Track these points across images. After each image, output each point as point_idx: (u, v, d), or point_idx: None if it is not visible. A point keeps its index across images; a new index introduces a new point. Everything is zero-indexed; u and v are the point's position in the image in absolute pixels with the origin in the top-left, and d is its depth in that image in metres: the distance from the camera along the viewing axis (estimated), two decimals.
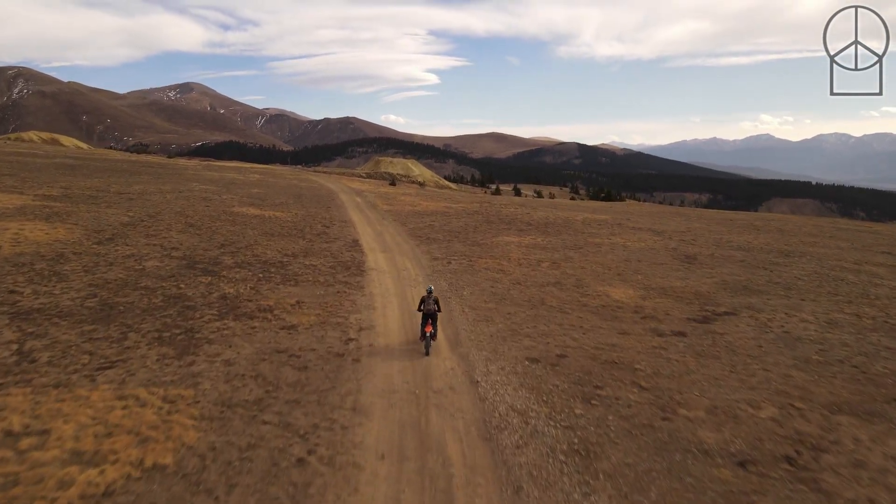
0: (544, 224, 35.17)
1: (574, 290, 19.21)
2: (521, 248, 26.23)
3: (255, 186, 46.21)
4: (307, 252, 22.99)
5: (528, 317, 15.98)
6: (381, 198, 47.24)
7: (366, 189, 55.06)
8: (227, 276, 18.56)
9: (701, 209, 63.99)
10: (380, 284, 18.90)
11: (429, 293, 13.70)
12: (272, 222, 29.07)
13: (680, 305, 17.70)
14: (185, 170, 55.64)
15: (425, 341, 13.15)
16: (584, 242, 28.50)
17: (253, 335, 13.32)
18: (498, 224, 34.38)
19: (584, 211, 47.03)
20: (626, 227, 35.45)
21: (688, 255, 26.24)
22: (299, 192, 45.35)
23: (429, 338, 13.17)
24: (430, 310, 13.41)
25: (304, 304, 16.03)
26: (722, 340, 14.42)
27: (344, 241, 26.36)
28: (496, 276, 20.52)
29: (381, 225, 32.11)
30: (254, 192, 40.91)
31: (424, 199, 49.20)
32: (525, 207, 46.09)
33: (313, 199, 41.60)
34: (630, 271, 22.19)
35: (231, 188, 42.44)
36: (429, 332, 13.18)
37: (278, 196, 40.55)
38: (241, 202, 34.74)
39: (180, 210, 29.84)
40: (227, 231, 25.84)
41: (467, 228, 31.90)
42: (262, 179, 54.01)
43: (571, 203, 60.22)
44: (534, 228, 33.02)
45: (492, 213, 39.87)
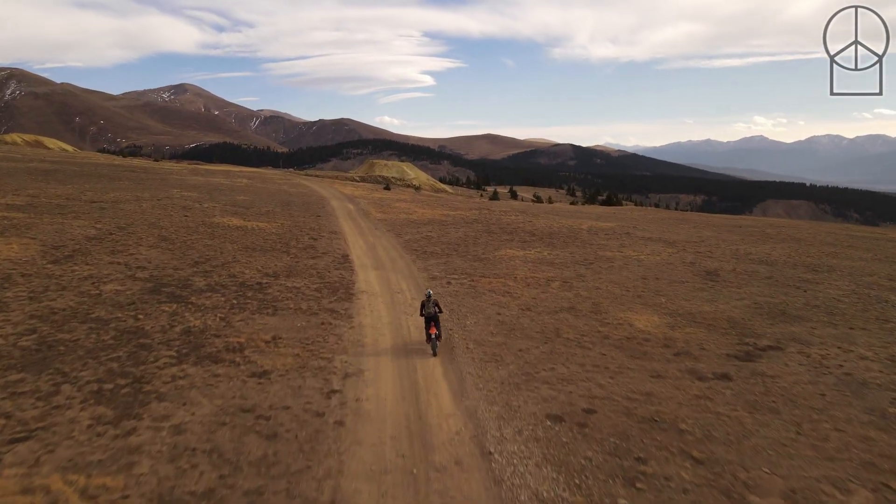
0: (548, 234, 32.92)
1: (592, 316, 16.93)
2: (527, 264, 23.94)
3: (242, 193, 43.82)
4: (291, 271, 20.63)
5: (543, 354, 13.68)
6: (374, 204, 44.91)
7: (359, 195, 52.72)
8: (196, 302, 16.20)
9: (707, 214, 61.94)
10: (371, 312, 16.56)
11: (428, 297, 14.04)
12: (255, 235, 26.70)
13: (714, 336, 15.44)
14: (170, 174, 53.12)
15: (431, 343, 13.65)
16: (595, 256, 26.24)
17: (215, 386, 10.97)
18: (499, 234, 32.11)
19: (588, 218, 44.82)
20: (635, 238, 33.26)
21: (709, 271, 24.03)
22: (288, 198, 42.99)
23: (434, 339, 13.63)
24: (432, 313, 13.79)
25: (281, 340, 13.67)
26: (775, 386, 12.15)
27: (333, 256, 24.02)
28: (502, 300, 18.21)
29: (373, 236, 29.79)
30: (239, 200, 38.51)
31: (420, 205, 46.89)
32: (526, 214, 43.84)
33: (302, 206, 39.24)
34: (650, 292, 19.93)
35: (215, 195, 40.01)
36: (434, 334, 13.63)
37: (265, 203, 38.17)
38: (223, 211, 32.34)
39: (155, 221, 27.42)
40: (203, 246, 23.45)
41: (467, 240, 29.61)
42: (250, 185, 51.60)
43: (573, 209, 58.04)
44: (538, 240, 30.76)
45: (492, 222, 37.60)
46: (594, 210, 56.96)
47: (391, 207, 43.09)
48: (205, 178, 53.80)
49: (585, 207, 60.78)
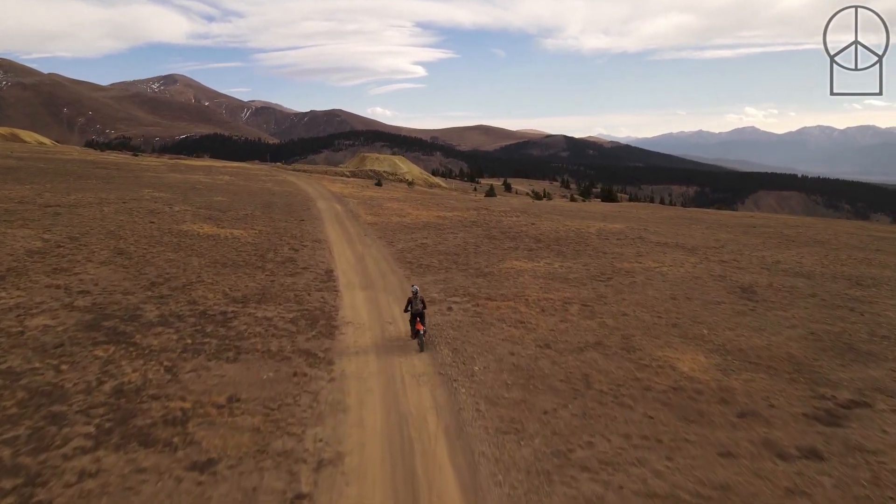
0: (556, 240, 29.98)
1: (624, 356, 13.97)
2: (538, 281, 20.93)
3: (220, 192, 40.51)
4: (264, 294, 17.53)
5: (574, 418, 10.72)
6: (364, 205, 41.73)
7: (348, 193, 49.48)
8: (141, 343, 13.11)
9: (715, 212, 59.20)
10: (357, 354, 13.50)
11: (415, 294, 14.33)
12: (228, 245, 23.54)
13: (780, 385, 12.53)
14: (146, 171, 49.54)
15: (418, 339, 14.03)
16: (612, 269, 23.27)
17: (137, 491, 7.93)
18: (502, 241, 29.11)
19: (594, 218, 41.91)
20: (649, 243, 30.38)
21: (743, 287, 21.14)
22: (270, 199, 39.76)
23: (421, 335, 14.01)
24: (418, 310, 14.17)
25: (239, 402, 10.63)
26: (883, 470, 9.26)
27: (315, 271, 20.91)
28: (515, 334, 15.20)
29: (363, 244, 26.71)
30: (216, 201, 35.24)
31: (414, 205, 43.76)
32: (528, 215, 40.84)
33: (285, 208, 36.05)
34: (686, 318, 16.99)
35: (189, 196, 36.71)
36: (421, 330, 14.02)
37: (244, 205, 34.94)
38: (195, 216, 29.09)
39: (115, 229, 24.20)
40: (165, 261, 20.29)
41: (467, 248, 26.59)
42: (231, 182, 48.26)
43: (575, 207, 55.08)
44: (545, 247, 27.79)
45: (492, 225, 34.58)
46: (598, 209, 54.02)
47: (383, 208, 39.96)
48: (183, 175, 50.31)
49: (588, 205, 57.86)
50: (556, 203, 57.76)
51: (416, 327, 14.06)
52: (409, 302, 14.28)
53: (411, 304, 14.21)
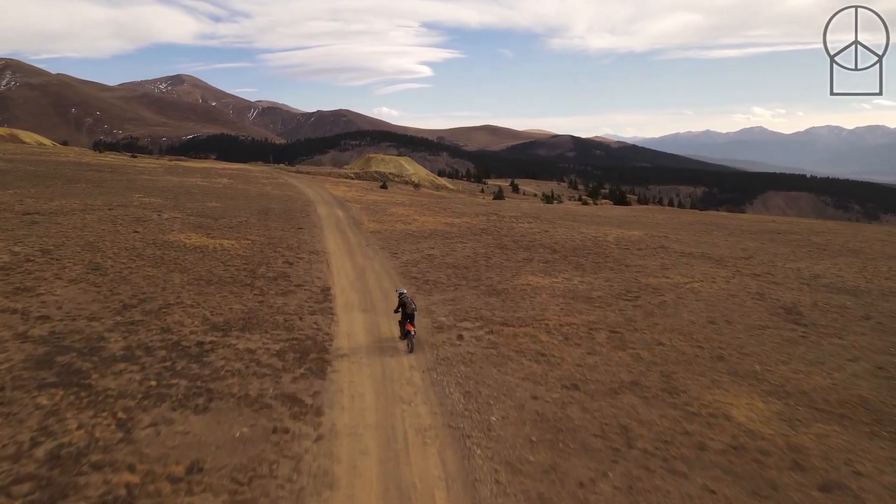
0: (572, 249, 27.84)
1: (667, 400, 11.82)
2: (558, 300, 18.79)
3: (216, 197, 38.51)
4: (249, 319, 15.47)
5: (617, 495, 8.59)
6: (368, 210, 39.63)
7: (351, 197, 47.39)
8: (97, 385, 11.08)
9: (735, 216, 56.86)
10: (352, 400, 11.38)
11: (401, 295, 14.61)
12: (216, 258, 21.49)
13: (860, 441, 10.35)
14: (140, 174, 47.53)
15: (407, 339, 14.18)
16: (638, 285, 21.09)
17: None
18: (515, 251, 26.99)
19: (609, 224, 39.72)
20: (672, 253, 28.20)
21: (786, 308, 18.92)
22: (268, 204, 37.73)
23: (411, 336, 14.13)
24: (410, 311, 14.24)
25: (201, 474, 8.55)
26: None
27: (310, 289, 18.85)
28: (537, 371, 13.06)
29: (364, 256, 24.63)
30: (209, 207, 33.22)
31: (420, 210, 41.65)
32: (540, 221, 38.69)
33: (283, 214, 34.00)
34: (731, 348, 14.79)
35: (182, 201, 34.70)
36: (411, 331, 14.13)
37: (239, 212, 32.92)
38: (185, 224, 27.07)
39: (94, 240, 22.21)
40: (143, 278, 18.27)
41: (477, 260, 24.48)
42: (229, 186, 46.25)
43: (588, 211, 52.82)
44: (562, 259, 25.65)
45: (503, 233, 32.46)
46: (613, 213, 51.76)
47: (387, 214, 37.85)
48: (180, 178, 48.34)
49: (602, 210, 55.59)
50: (569, 207, 55.47)
51: (407, 328, 14.17)
52: (402, 304, 14.40)
53: (404, 306, 14.33)
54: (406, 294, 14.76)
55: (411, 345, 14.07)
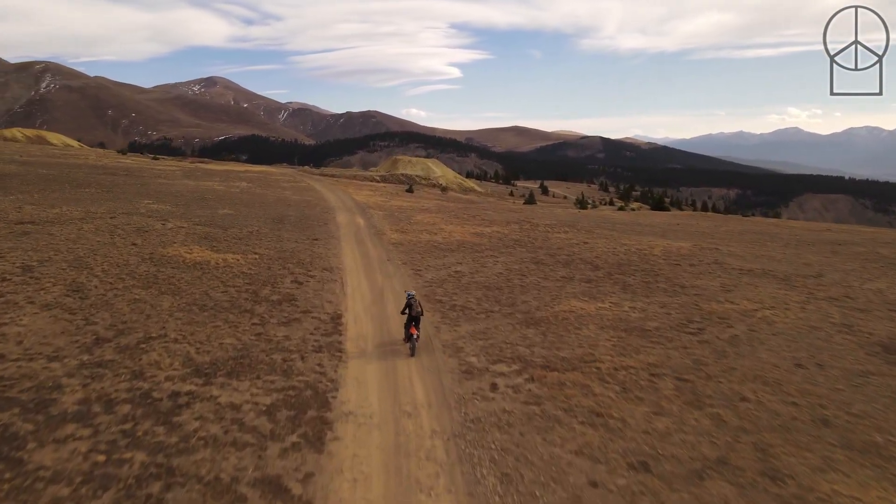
0: (616, 265, 24.80)
1: (771, 491, 8.82)
2: (608, 334, 15.82)
3: (230, 203, 36.34)
4: (241, 359, 12.89)
5: None
6: (391, 218, 37.04)
7: (374, 203, 44.88)
8: (27, 462, 8.57)
9: (786, 223, 52.71)
10: (355, 489, 8.64)
11: (411, 298, 14.36)
12: (216, 277, 19.07)
13: None
14: (156, 178, 45.72)
15: (410, 343, 13.97)
16: (700, 313, 17.98)
17: None
18: (553, 267, 24.07)
19: (652, 233, 36.43)
20: (730, 269, 24.95)
21: (885, 346, 15.65)
22: (284, 211, 35.42)
23: (414, 339, 13.93)
24: (416, 313, 14.09)
25: None
26: None
27: (318, 317, 16.25)
28: (593, 440, 10.15)
29: (384, 273, 21.98)
30: (220, 215, 31.01)
31: (447, 217, 38.91)
32: (577, 230, 35.60)
33: (299, 223, 31.60)
34: (835, 406, 11.67)
35: (192, 209, 32.59)
36: (414, 335, 13.91)
37: (252, 220, 30.63)
38: (190, 235, 24.80)
39: (85, 255, 20.01)
40: (128, 302, 15.90)
41: (511, 279, 21.64)
42: (246, 191, 44.22)
43: (627, 218, 49.36)
44: (606, 276, 22.64)
45: (538, 244, 29.54)
46: (653, 220, 48.25)
47: (411, 222, 35.19)
48: (196, 182, 46.47)
49: (641, 216, 52.03)
50: (605, 213, 52.13)
51: (411, 331, 13.98)
52: (408, 305, 14.24)
53: (410, 307, 14.17)
54: (414, 296, 14.58)
55: (413, 348, 13.91)
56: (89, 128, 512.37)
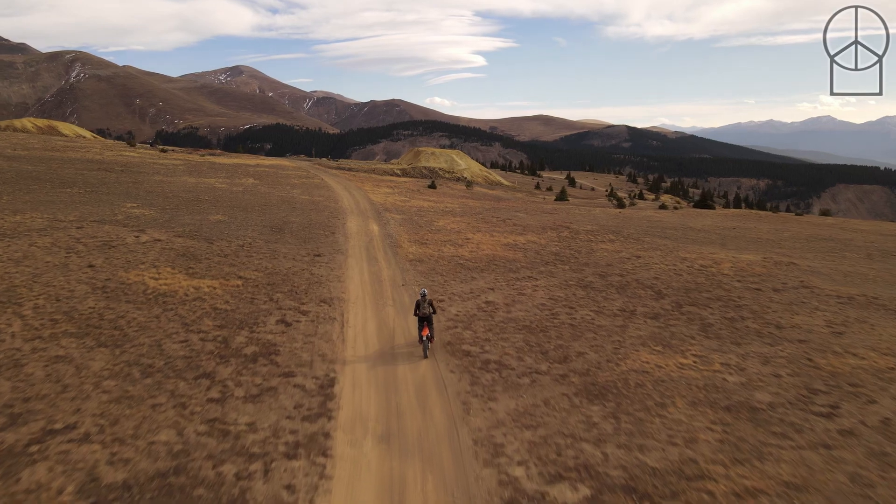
0: (683, 290, 20.09)
1: None
2: (706, 416, 11.13)
3: (227, 207, 32.08)
4: (170, 479, 8.56)
5: None
6: (409, 224, 32.50)
7: (392, 203, 40.34)
8: None
9: (852, 223, 46.93)
10: None
11: (423, 297, 13.91)
12: (179, 316, 14.77)
13: None
14: (154, 174, 41.31)
15: (423, 344, 13.59)
16: (820, 374, 13.20)
17: None
18: (606, 293, 19.41)
19: (710, 242, 31.50)
20: (826, 297, 20.12)
21: None
22: (287, 215, 31.23)
23: (426, 341, 13.54)
24: (427, 313, 13.71)
25: None
26: None
27: (303, 385, 11.85)
28: None
29: (397, 306, 17.45)
30: (210, 223, 26.79)
31: (474, 222, 34.30)
32: (623, 239, 30.75)
33: (302, 232, 27.23)
34: None
35: (180, 213, 28.35)
36: (426, 336, 13.51)
37: (247, 228, 26.39)
38: (164, 252, 20.46)
39: (21, 283, 15.80)
40: (44, 364, 11.64)
41: (556, 314, 17.05)
42: (251, 189, 39.89)
43: (674, 220, 44.12)
44: (675, 309, 17.95)
45: (582, 259, 24.88)
46: (703, 222, 43.00)
47: (433, 229, 30.63)
48: (197, 178, 42.33)
49: (687, 216, 46.65)
50: (647, 214, 46.95)
51: (423, 333, 13.57)
52: (418, 305, 13.91)
53: (419, 307, 13.84)
54: (426, 294, 14.13)
55: (426, 350, 13.56)
56: (117, 117, 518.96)
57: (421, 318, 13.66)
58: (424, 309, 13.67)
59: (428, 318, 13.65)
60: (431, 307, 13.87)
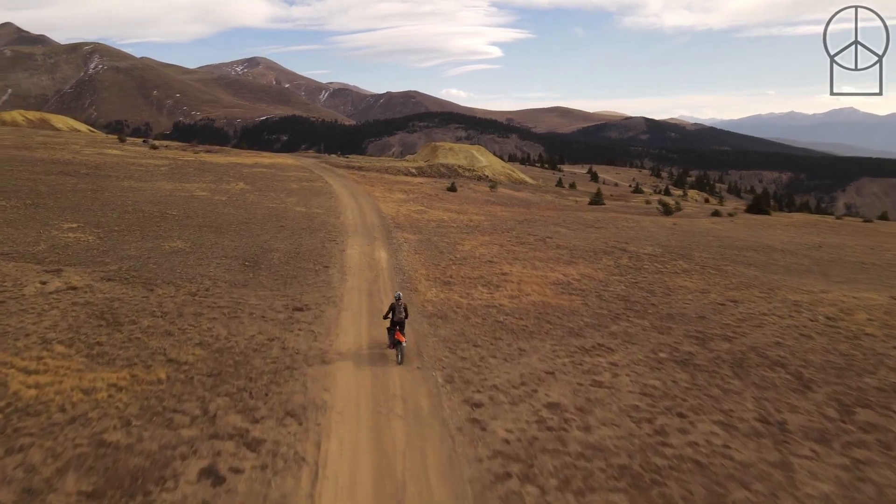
0: (834, 372, 13.39)
1: None
2: None
3: (197, 226, 25.94)
4: None
5: None
6: (427, 248, 25.63)
7: (406, 215, 33.49)
8: None
9: None
10: None
11: (397, 300, 13.79)
12: (30, 467, 8.54)
13: None
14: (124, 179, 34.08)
15: (397, 350, 13.36)
16: None
17: None
18: (721, 378, 12.78)
19: (802, 268, 24.81)
20: None
21: None
22: (271, 239, 24.74)
23: (400, 346, 13.30)
24: (400, 318, 13.52)
25: None
26: None
27: None
28: None
29: (409, 417, 11.04)
30: (163, 254, 20.61)
31: (508, 243, 27.66)
32: (699, 268, 23.99)
33: (285, 265, 20.45)
34: None
35: (126, 240, 22.13)
36: (403, 342, 13.30)
37: (210, 262, 20.08)
38: (73, 312, 13.63)
39: None
40: None
41: (663, 433, 10.47)
42: (236, 198, 32.92)
43: (741, 234, 37.01)
44: (841, 415, 11.25)
45: (659, 305, 18.32)
46: (776, 236, 36.03)
47: (458, 258, 23.88)
48: (176, 184, 35.47)
49: (755, 229, 39.46)
50: (708, 226, 39.80)
51: (396, 337, 13.39)
52: (392, 309, 13.68)
53: (394, 311, 13.61)
54: (401, 297, 14.02)
55: (401, 356, 13.23)
56: (135, 108, 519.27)
57: (394, 321, 13.44)
58: (399, 314, 13.49)
59: (401, 322, 13.46)
60: (405, 312, 13.68)
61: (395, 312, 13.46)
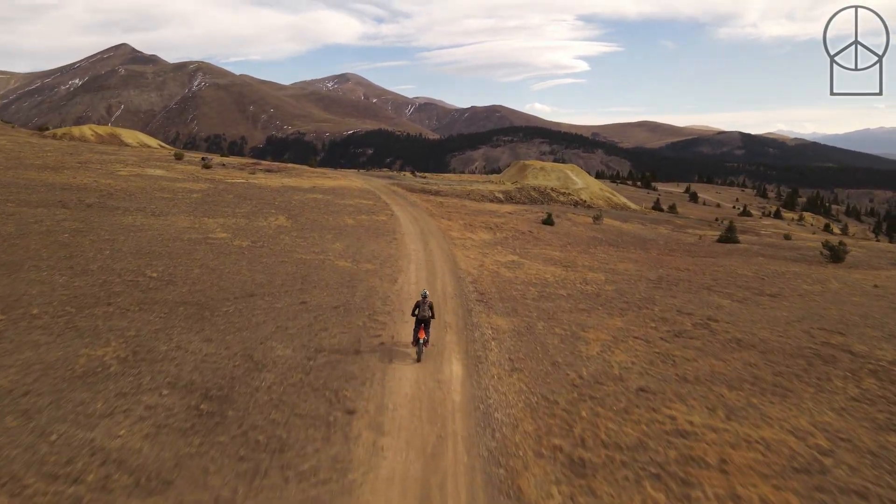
0: None
1: None
2: None
3: (172, 302, 16.88)
4: None
5: None
6: (530, 353, 15.31)
7: (493, 272, 23.37)
8: None
9: None
10: None
11: (424, 298, 13.56)
12: None
13: None
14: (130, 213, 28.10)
15: (418, 347, 13.27)
16: None
17: None
18: None
19: None
20: None
21: None
22: (278, 329, 15.23)
23: (421, 344, 13.24)
24: (425, 316, 13.37)
25: None
26: None
27: None
28: None
29: None
30: (82, 372, 11.64)
31: (656, 337, 17.21)
32: None
33: (280, 401, 11.45)
34: None
35: (28, 342, 13.24)
36: (422, 339, 13.24)
37: (138, 401, 10.88)
38: None
39: None
40: None
41: None
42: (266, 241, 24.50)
43: None
44: None
45: None
46: None
47: (583, 368, 13.76)
48: (192, 221, 25.85)
49: None
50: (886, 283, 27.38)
51: (419, 335, 13.28)
52: (417, 305, 13.55)
53: (419, 307, 13.47)
54: (428, 295, 13.76)
55: (420, 354, 13.21)
56: (232, 122, 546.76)
57: (419, 319, 13.31)
58: (424, 311, 13.33)
59: (426, 320, 13.35)
60: (431, 310, 13.47)
61: (420, 309, 13.25)
